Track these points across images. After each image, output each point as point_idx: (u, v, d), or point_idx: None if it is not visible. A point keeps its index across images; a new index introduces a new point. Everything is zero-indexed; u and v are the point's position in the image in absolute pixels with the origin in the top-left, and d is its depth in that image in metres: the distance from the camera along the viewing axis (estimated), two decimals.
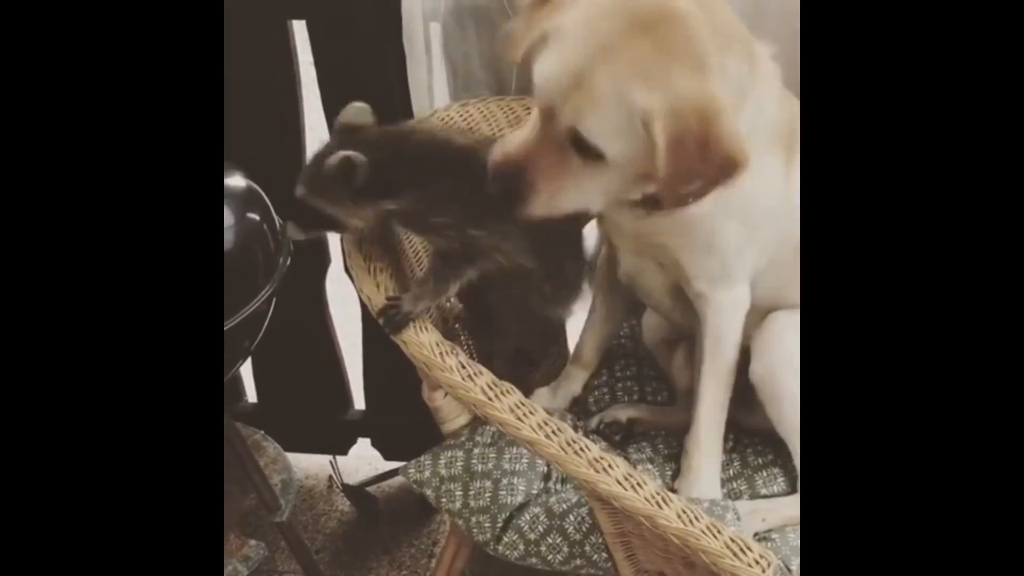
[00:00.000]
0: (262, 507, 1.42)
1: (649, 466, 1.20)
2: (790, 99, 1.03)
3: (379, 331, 1.00)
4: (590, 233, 1.22)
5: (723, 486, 1.16)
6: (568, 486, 1.15)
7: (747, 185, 0.89)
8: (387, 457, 1.86)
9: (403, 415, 1.71)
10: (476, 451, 1.17)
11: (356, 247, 1.06)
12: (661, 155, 0.85)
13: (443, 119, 1.24)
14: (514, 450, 1.16)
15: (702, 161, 0.85)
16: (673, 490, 1.13)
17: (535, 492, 1.14)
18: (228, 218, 1.20)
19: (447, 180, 1.00)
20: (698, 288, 1.09)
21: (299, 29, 1.45)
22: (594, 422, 1.27)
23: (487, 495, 1.13)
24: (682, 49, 0.85)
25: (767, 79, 0.97)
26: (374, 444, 1.86)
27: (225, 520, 1.44)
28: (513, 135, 0.95)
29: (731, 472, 1.19)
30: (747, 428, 1.21)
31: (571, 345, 1.40)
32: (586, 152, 0.89)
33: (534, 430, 0.90)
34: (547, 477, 1.17)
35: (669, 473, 1.19)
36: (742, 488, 1.17)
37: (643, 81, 0.85)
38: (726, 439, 1.16)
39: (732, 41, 0.91)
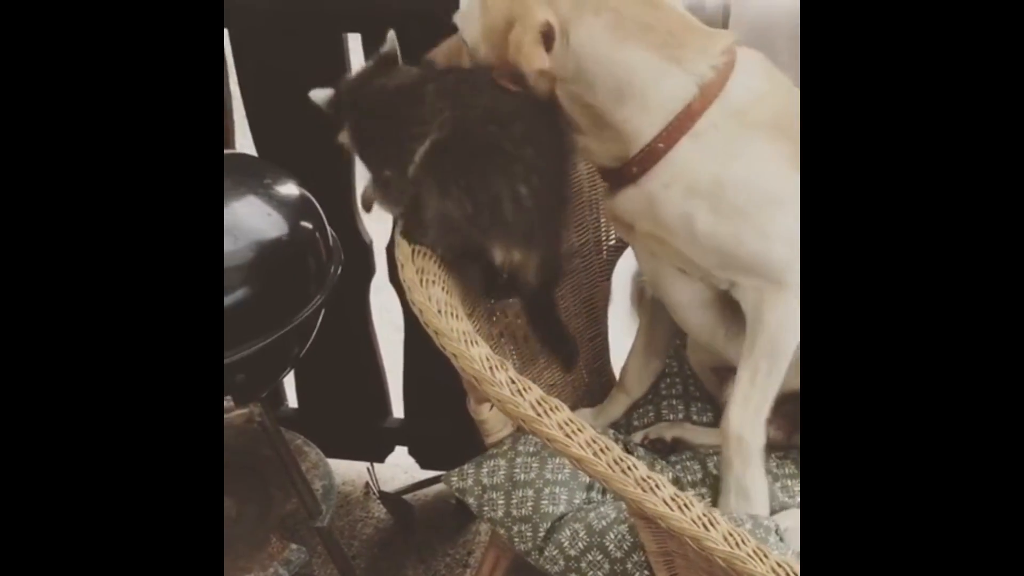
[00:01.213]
0: (302, 512, 1.44)
1: (697, 489, 1.20)
2: (791, 95, 1.06)
3: (420, 341, 1.01)
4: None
5: None
6: (608, 498, 1.16)
7: (715, 158, 1.02)
8: (424, 466, 1.88)
9: (441, 425, 1.72)
10: (519, 460, 1.18)
11: (409, 259, 1.07)
12: (481, 38, 1.07)
13: None
14: (556, 460, 1.17)
15: (501, 52, 1.04)
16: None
17: (577, 502, 1.15)
18: (282, 226, 1.22)
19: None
20: (722, 276, 1.07)
21: (352, 40, 1.47)
22: (638, 437, 1.27)
23: (529, 504, 1.14)
24: None
25: (745, 69, 1.06)
26: (411, 453, 1.87)
27: (267, 523, 1.46)
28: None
29: None
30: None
31: (615, 367, 1.41)
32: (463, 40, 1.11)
33: (582, 447, 0.91)
34: (589, 487, 1.17)
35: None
36: None
37: None
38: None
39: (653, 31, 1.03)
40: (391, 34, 1.13)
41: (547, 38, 1.03)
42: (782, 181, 1.03)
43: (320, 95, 1.13)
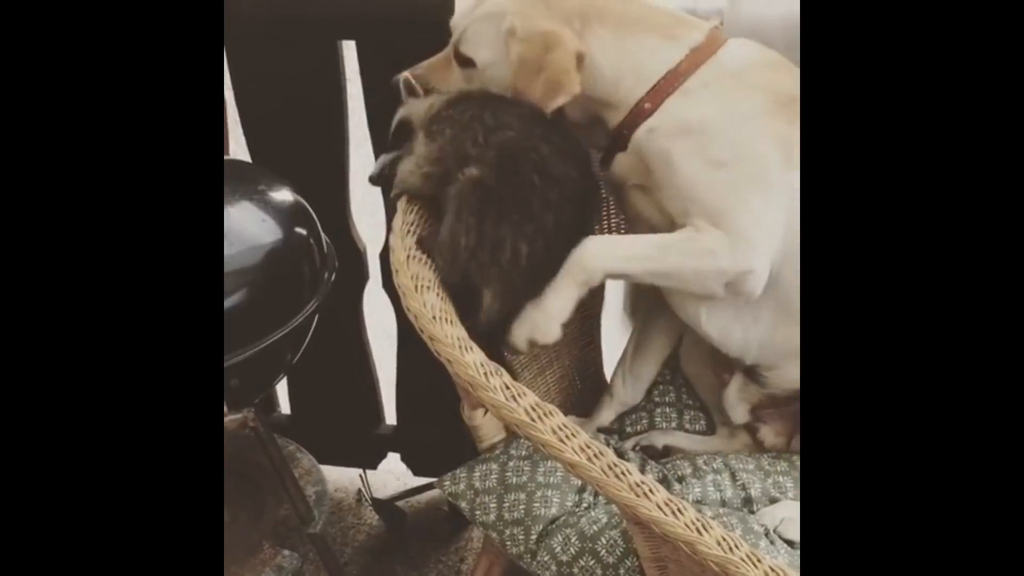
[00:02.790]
0: (295, 518, 1.44)
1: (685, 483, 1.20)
2: (789, 73, 1.10)
3: (413, 348, 1.01)
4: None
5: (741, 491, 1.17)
6: (599, 501, 1.16)
7: (706, 108, 1.06)
8: (416, 472, 1.88)
9: (434, 432, 1.73)
10: (511, 464, 1.18)
11: (404, 264, 1.08)
12: (512, 66, 1.10)
13: None
14: (548, 463, 1.17)
15: (537, 77, 1.09)
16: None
17: (569, 504, 1.15)
18: (276, 232, 1.23)
19: None
20: (682, 222, 1.07)
21: (347, 48, 1.48)
22: (629, 444, 1.28)
23: (521, 507, 1.14)
24: (554, 6, 1.11)
25: (738, 42, 1.12)
26: (404, 459, 1.87)
27: (259, 529, 1.46)
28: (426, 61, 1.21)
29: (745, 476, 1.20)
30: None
31: (609, 374, 1.42)
32: (465, 62, 1.15)
33: (576, 452, 0.91)
34: (581, 490, 1.17)
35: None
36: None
37: (517, 10, 1.11)
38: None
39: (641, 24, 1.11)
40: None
41: (578, 62, 1.09)
42: (773, 168, 1.04)
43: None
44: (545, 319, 1.07)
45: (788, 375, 1.18)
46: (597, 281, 1.08)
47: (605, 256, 1.07)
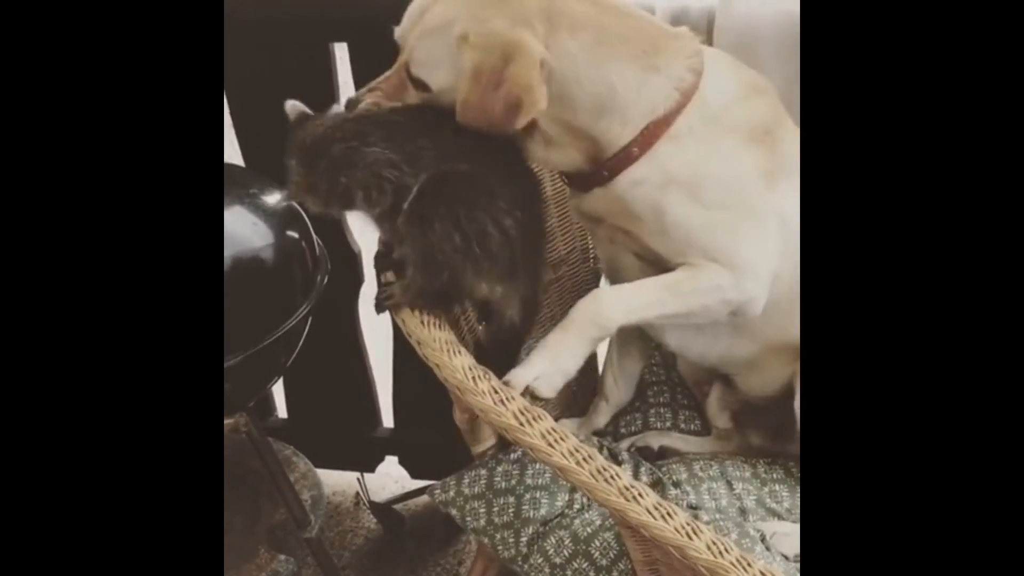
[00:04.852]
0: (291, 522, 1.43)
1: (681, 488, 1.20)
2: (762, 102, 1.06)
3: (409, 350, 1.00)
4: None
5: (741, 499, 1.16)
6: (593, 503, 1.15)
7: (692, 156, 1.01)
8: (414, 475, 1.87)
9: (431, 434, 1.72)
10: (499, 469, 1.18)
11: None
12: (464, 79, 0.96)
13: None
14: (537, 466, 1.17)
15: (495, 93, 0.95)
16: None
17: (560, 504, 1.15)
18: (267, 236, 1.22)
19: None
20: (679, 261, 1.05)
21: (339, 50, 1.47)
22: (624, 445, 1.27)
23: (510, 511, 1.14)
24: (513, 5, 0.97)
25: (714, 71, 1.04)
26: (401, 462, 1.87)
27: (255, 534, 1.46)
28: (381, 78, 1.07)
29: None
30: (791, 456, 1.22)
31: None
32: (419, 85, 1.02)
33: (565, 456, 0.90)
34: (573, 490, 1.17)
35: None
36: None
37: (468, 15, 0.97)
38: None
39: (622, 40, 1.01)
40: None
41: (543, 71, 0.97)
42: (760, 197, 1.03)
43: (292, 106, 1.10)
44: (553, 373, 1.03)
45: (752, 382, 1.20)
46: (611, 334, 1.07)
47: (618, 309, 1.04)
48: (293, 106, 1.09)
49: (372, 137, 0.99)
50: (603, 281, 1.26)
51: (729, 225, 1.03)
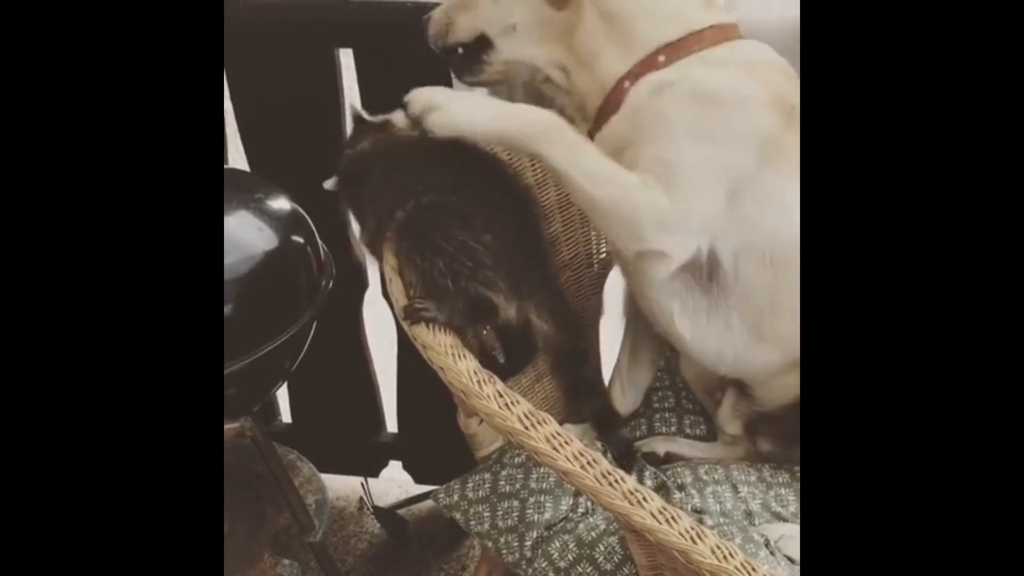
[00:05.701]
0: (295, 527, 1.44)
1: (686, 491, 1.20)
2: (796, 86, 1.06)
3: (413, 355, 1.01)
4: None
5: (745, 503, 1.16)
6: (597, 507, 1.16)
7: (717, 83, 1.02)
8: (418, 480, 1.87)
9: (435, 439, 1.72)
10: (503, 473, 1.18)
11: (397, 273, 1.08)
12: None
13: None
14: (541, 469, 1.17)
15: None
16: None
17: (564, 508, 1.15)
18: (272, 241, 1.23)
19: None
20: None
21: (344, 56, 1.48)
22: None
23: (515, 514, 1.14)
24: None
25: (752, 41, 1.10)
26: (405, 467, 1.87)
27: (259, 539, 1.46)
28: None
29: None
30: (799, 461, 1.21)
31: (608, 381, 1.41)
32: None
33: (569, 460, 0.90)
34: (577, 493, 1.17)
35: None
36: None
37: None
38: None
39: None
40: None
41: None
42: (748, 166, 1.02)
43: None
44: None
45: (771, 392, 1.16)
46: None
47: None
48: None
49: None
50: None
51: (708, 167, 1.01)
